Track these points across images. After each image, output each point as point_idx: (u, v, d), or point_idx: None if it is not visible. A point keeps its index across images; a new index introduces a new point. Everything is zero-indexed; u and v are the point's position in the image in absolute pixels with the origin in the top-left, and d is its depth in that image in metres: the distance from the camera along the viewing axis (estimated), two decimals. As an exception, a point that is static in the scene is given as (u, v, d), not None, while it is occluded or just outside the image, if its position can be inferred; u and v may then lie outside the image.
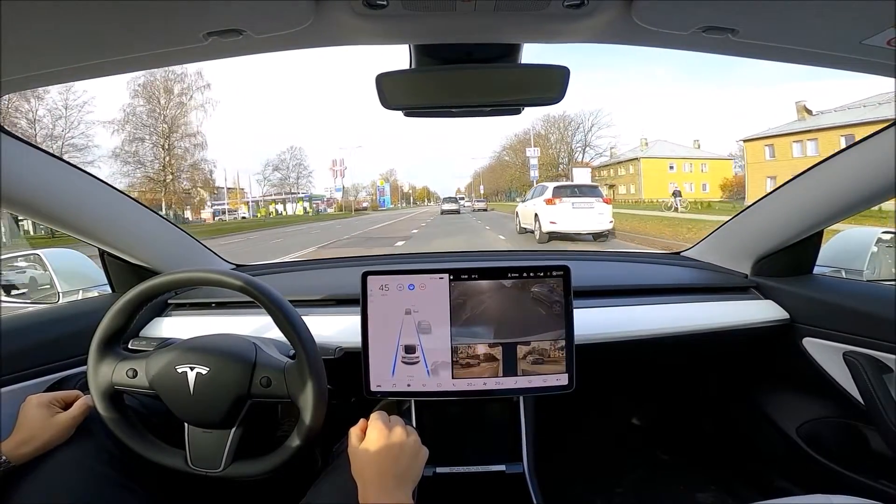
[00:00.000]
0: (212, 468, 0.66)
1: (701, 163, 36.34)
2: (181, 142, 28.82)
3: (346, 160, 50.06)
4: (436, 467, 0.83)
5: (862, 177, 0.81)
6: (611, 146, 42.20)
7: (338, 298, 1.02)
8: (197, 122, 29.42)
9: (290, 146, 59.34)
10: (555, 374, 0.82)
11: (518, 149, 47.22)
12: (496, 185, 55.22)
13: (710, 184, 34.85)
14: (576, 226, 8.66)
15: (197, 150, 29.38)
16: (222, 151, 73.95)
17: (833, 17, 0.52)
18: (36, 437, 0.64)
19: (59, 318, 0.92)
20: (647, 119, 69.29)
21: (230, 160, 72.94)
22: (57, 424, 0.66)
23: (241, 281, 0.66)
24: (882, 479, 0.89)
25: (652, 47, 0.64)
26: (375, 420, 0.59)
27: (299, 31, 0.55)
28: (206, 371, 0.65)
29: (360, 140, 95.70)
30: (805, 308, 0.98)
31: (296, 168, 43.25)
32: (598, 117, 43.74)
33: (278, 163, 42.97)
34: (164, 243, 1.07)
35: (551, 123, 44.36)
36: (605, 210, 8.84)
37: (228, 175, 36.85)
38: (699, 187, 34.72)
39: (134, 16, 0.49)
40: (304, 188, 43.29)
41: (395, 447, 0.56)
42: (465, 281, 0.82)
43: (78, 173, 0.84)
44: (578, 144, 43.75)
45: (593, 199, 8.87)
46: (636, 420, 1.54)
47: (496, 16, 0.55)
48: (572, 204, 8.73)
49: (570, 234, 8.82)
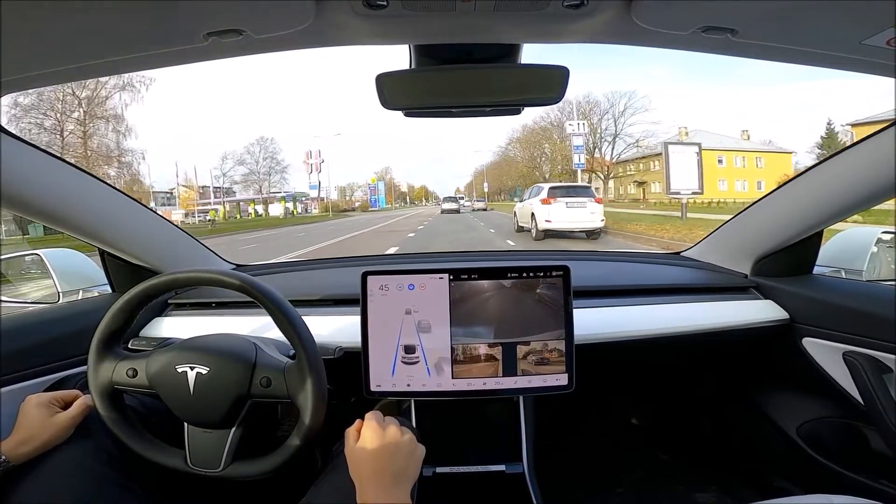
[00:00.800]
0: (211, 468, 0.66)
1: (756, 156, 30.31)
2: (99, 129, 22.95)
3: (324, 152, 42.27)
4: (436, 467, 0.83)
5: (862, 177, 0.81)
6: (641, 137, 33.82)
7: (338, 298, 1.02)
8: (121, 105, 23.16)
9: (260, 137, 52.15)
10: (554, 375, 0.82)
11: (529, 141, 40.35)
12: (500, 182, 49.01)
13: (766, 181, 28.09)
14: (569, 224, 9.29)
15: (122, 138, 23.19)
16: (172, 144, 61.91)
17: (833, 17, 0.52)
18: (35, 436, 0.64)
19: (59, 318, 0.92)
20: (680, 108, 61.83)
21: (183, 154, 65.54)
22: (56, 424, 0.66)
23: (241, 280, 0.66)
24: (882, 479, 0.89)
25: (652, 48, 0.64)
26: (370, 420, 0.59)
27: (299, 32, 0.55)
28: (206, 371, 0.65)
29: (345, 130, 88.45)
30: (805, 308, 0.98)
31: (267, 162, 37.79)
32: (632, 100, 34.31)
33: (245, 156, 37.33)
34: (164, 243, 1.07)
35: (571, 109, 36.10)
36: (597, 209, 9.47)
37: (180, 171, 31.95)
38: (753, 186, 28.83)
39: (134, 16, 0.49)
40: (276, 185, 38.32)
41: (390, 446, 0.57)
42: (465, 281, 0.82)
43: (78, 173, 0.84)
44: (607, 134, 34.73)
45: (586, 198, 9.52)
46: (636, 420, 1.54)
47: (496, 16, 0.55)
48: (566, 203, 9.32)
49: (564, 231, 9.42)
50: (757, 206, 1.06)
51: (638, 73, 66.37)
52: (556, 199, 9.40)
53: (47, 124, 21.67)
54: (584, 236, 9.49)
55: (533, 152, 40.57)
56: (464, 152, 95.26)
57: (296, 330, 0.65)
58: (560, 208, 9.28)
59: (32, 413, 0.66)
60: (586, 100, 34.06)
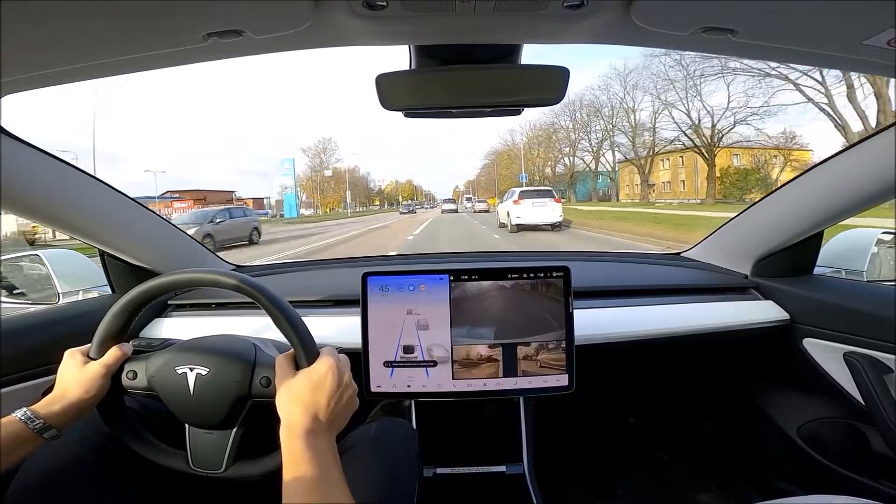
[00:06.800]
0: (213, 469, 0.66)
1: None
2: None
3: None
4: (436, 468, 0.83)
5: (862, 177, 0.81)
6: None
7: (337, 299, 1.02)
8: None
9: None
10: (555, 375, 0.81)
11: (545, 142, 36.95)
12: (501, 184, 41.29)
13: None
14: (535, 219, 12.12)
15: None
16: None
17: (833, 18, 0.52)
18: (67, 392, 0.61)
19: (59, 319, 0.91)
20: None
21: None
22: (88, 375, 0.63)
23: (240, 281, 0.66)
24: (882, 480, 0.89)
25: (651, 48, 0.64)
26: (329, 354, 0.57)
27: (299, 32, 0.55)
28: (207, 372, 0.65)
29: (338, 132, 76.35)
30: (805, 308, 0.98)
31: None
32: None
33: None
34: (164, 244, 1.07)
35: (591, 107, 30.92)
36: (556, 207, 12.37)
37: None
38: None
39: (134, 16, 0.49)
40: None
41: (341, 387, 0.54)
42: (465, 282, 0.82)
43: (78, 174, 0.84)
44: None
45: (547, 199, 12.48)
46: (636, 420, 1.53)
47: (496, 16, 0.55)
48: (532, 203, 12.25)
49: (531, 225, 12.11)
50: (757, 206, 1.06)
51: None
52: (524, 199, 12.30)
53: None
54: (549, 228, 12.15)
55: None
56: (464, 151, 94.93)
57: (295, 330, 0.65)
58: (527, 207, 12.14)
59: (65, 366, 0.63)
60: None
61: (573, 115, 33.42)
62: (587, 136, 33.60)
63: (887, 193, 0.80)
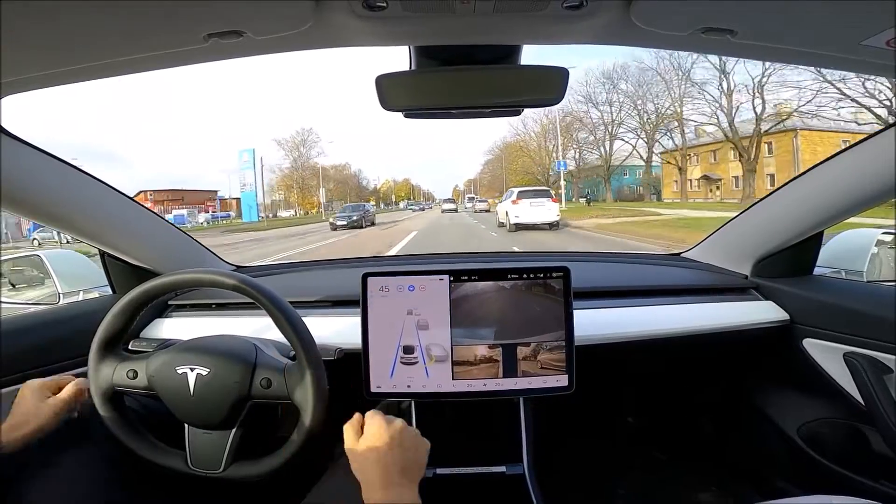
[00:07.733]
0: (212, 469, 0.66)
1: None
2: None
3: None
4: (436, 468, 0.83)
5: (862, 177, 0.81)
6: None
7: (337, 300, 1.02)
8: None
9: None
10: (555, 376, 0.81)
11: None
12: (502, 183, 36.53)
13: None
14: (533, 218, 12.35)
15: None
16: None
17: (833, 18, 0.52)
18: (27, 421, 0.64)
19: (60, 319, 0.92)
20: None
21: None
22: (47, 408, 0.66)
23: (241, 282, 0.66)
24: (882, 480, 0.89)
25: (651, 48, 0.64)
26: (374, 415, 0.58)
27: (299, 33, 0.55)
28: (207, 372, 0.65)
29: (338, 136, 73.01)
30: (805, 309, 0.98)
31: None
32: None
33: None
34: (164, 245, 1.08)
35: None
36: (553, 207, 12.74)
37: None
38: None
39: (134, 17, 0.49)
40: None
41: (396, 438, 0.55)
42: (465, 282, 0.82)
43: (79, 174, 0.84)
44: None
45: (545, 199, 12.80)
46: (636, 420, 1.53)
47: (495, 17, 0.55)
48: (530, 203, 12.53)
49: (529, 224, 12.27)
50: (757, 206, 1.06)
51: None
52: (522, 199, 12.58)
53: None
54: (547, 227, 12.39)
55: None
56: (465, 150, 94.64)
57: (295, 330, 0.65)
58: (525, 207, 12.42)
59: (26, 398, 0.66)
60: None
61: (614, 87, 26.84)
62: (638, 112, 26.38)
63: (887, 193, 0.80)
